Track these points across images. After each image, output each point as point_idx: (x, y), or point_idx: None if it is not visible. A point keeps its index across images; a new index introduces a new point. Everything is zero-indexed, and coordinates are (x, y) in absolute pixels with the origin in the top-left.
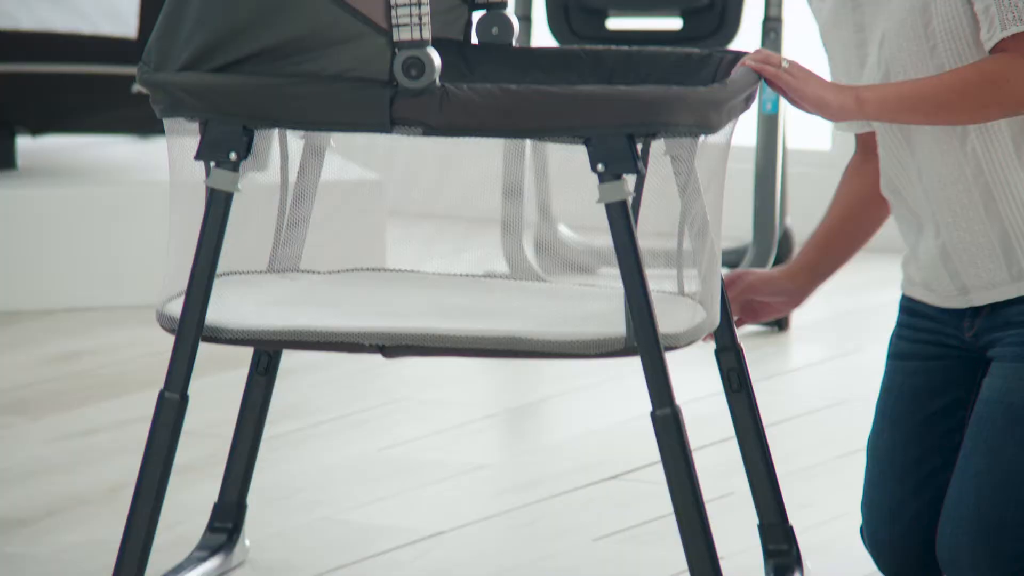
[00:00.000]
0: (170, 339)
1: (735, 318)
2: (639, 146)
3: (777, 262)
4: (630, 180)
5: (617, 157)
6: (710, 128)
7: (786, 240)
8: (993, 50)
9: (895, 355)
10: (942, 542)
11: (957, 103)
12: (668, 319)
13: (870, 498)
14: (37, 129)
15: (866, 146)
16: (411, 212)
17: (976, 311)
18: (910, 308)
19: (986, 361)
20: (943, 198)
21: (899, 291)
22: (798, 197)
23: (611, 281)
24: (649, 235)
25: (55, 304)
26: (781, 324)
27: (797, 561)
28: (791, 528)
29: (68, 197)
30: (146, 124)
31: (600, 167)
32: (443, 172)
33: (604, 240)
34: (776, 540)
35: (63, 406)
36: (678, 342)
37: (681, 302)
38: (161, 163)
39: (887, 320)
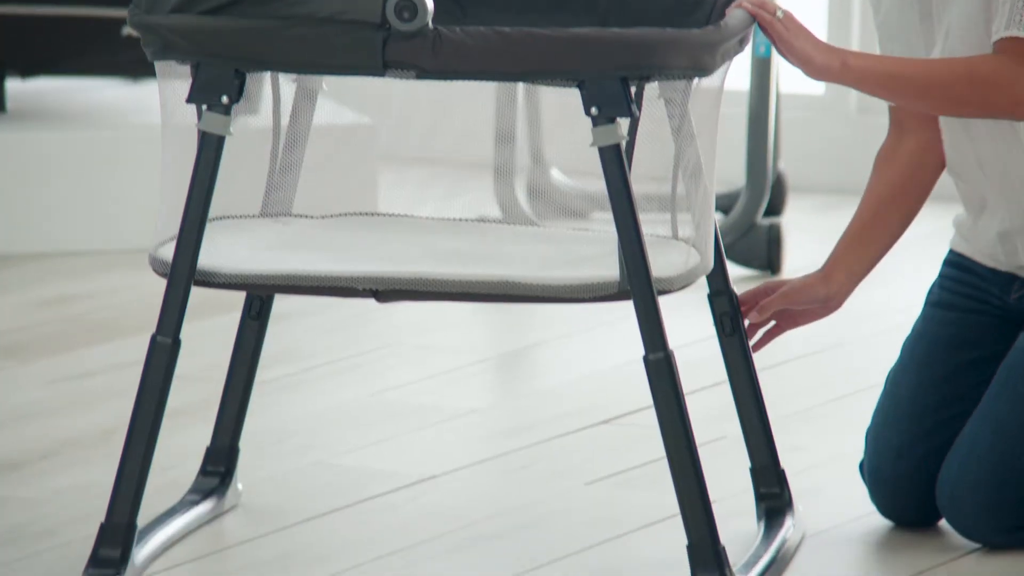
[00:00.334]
0: (161, 283)
1: (771, 324)
2: (633, 89)
3: (770, 207)
4: (624, 123)
5: (611, 100)
6: (704, 70)
7: (779, 185)
8: (996, 46)
9: (934, 303)
10: (946, 477)
11: (938, 94)
12: (662, 263)
13: (879, 434)
14: (27, 72)
15: (900, 124)
16: (404, 157)
17: None
18: (957, 263)
19: None
20: (1007, 185)
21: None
22: (791, 142)
23: (604, 225)
24: (643, 179)
25: (47, 248)
26: (774, 268)
27: (789, 504)
28: (783, 472)
29: (58, 140)
30: (137, 67)
31: (594, 110)
32: (436, 117)
33: (597, 185)
34: (768, 483)
35: (56, 350)
36: (672, 286)
37: (675, 246)
38: (152, 106)
39: (880, 264)
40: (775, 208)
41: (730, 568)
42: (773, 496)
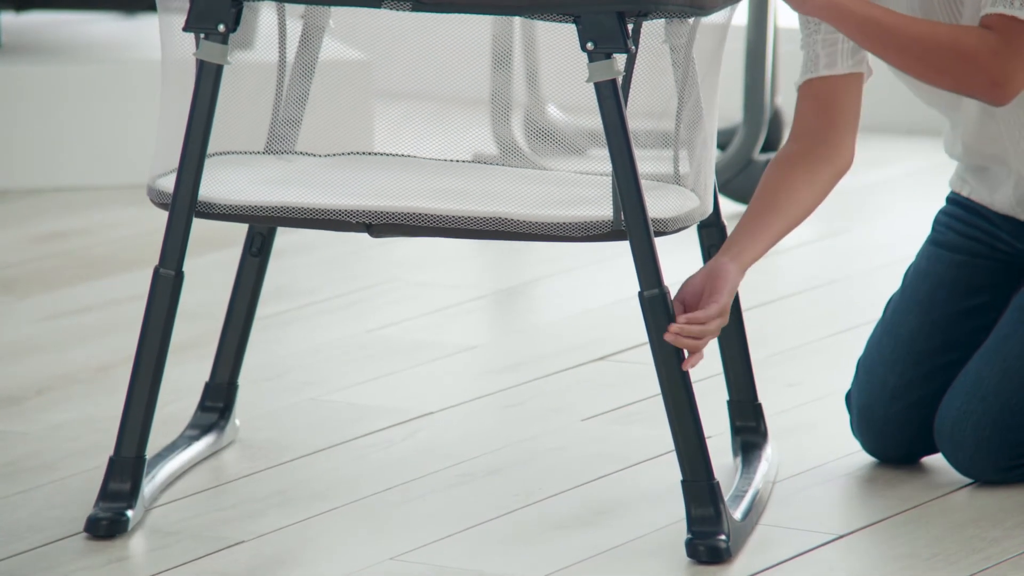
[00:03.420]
0: (158, 219)
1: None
2: (630, 26)
3: (767, 143)
4: (620, 60)
5: (607, 35)
6: (703, 8)
7: (776, 120)
8: (982, 20)
9: (940, 243)
10: (947, 414)
11: (917, 55)
12: (659, 204)
13: (874, 370)
14: (21, 5)
15: (802, 132)
16: (400, 93)
17: None
18: (966, 204)
19: None
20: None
21: (888, 171)
22: (789, 77)
23: (602, 164)
24: (640, 116)
25: (42, 183)
26: None
27: (764, 438)
28: (760, 405)
29: (54, 75)
30: (132, 1)
31: (590, 45)
32: (432, 54)
33: (594, 121)
34: (744, 417)
35: (51, 285)
36: (667, 227)
37: (673, 188)
38: (148, 41)
39: (875, 200)
40: (772, 144)
41: (724, 503)
42: (749, 429)
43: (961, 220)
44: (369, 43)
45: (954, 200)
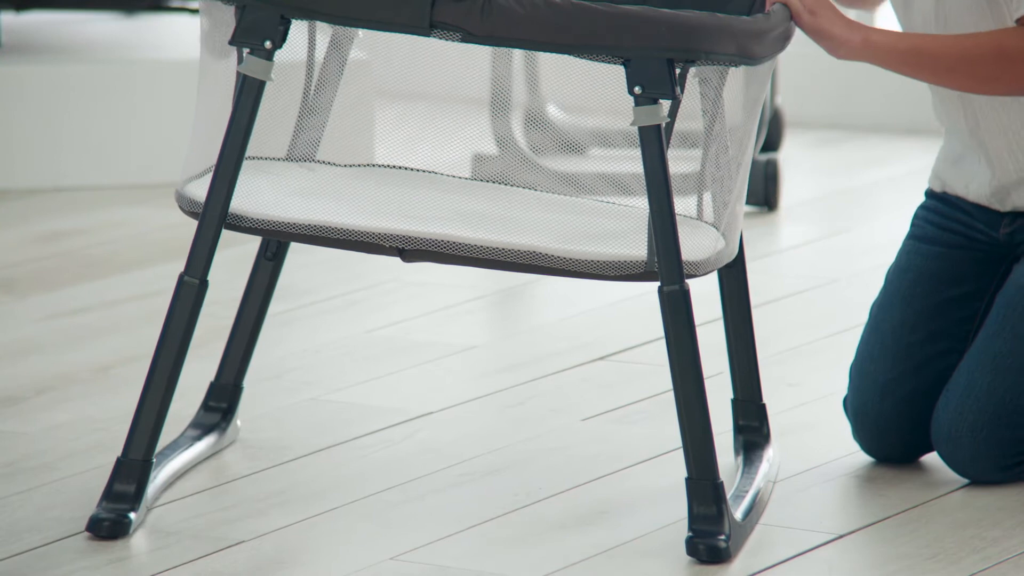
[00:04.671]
0: (158, 219)
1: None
2: (676, 71)
3: (767, 142)
4: (665, 105)
5: (655, 81)
6: (751, 59)
7: (776, 120)
8: (1020, 21)
9: (918, 237)
10: (943, 415)
11: (966, 72)
12: (688, 246)
13: (864, 370)
14: (21, 5)
15: None
16: (399, 92)
17: (1018, 214)
18: (943, 197)
19: (1013, 258)
20: (1004, 145)
21: (888, 171)
22: (789, 77)
23: (601, 164)
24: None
25: (42, 183)
26: (770, 204)
27: (767, 439)
28: (764, 406)
29: (54, 75)
30: (132, 1)
31: (637, 89)
32: (432, 54)
33: (592, 120)
34: (748, 417)
35: (51, 285)
36: (697, 270)
37: (702, 229)
38: (146, 41)
39: (876, 200)
40: (772, 143)
41: (726, 503)
42: (752, 429)
43: (938, 213)
44: (369, 43)
45: (931, 195)
